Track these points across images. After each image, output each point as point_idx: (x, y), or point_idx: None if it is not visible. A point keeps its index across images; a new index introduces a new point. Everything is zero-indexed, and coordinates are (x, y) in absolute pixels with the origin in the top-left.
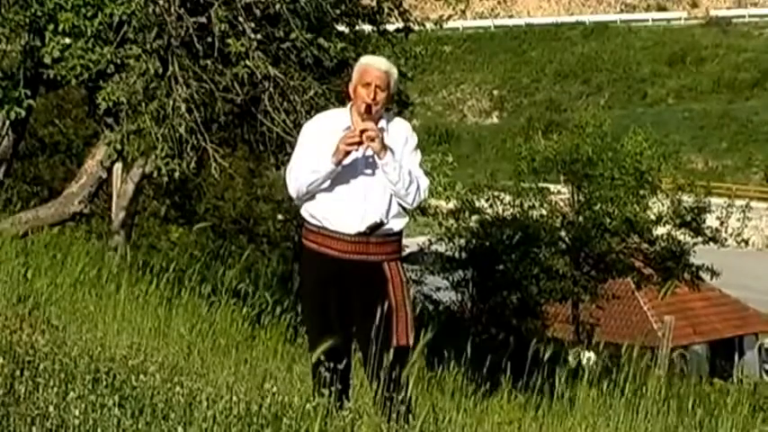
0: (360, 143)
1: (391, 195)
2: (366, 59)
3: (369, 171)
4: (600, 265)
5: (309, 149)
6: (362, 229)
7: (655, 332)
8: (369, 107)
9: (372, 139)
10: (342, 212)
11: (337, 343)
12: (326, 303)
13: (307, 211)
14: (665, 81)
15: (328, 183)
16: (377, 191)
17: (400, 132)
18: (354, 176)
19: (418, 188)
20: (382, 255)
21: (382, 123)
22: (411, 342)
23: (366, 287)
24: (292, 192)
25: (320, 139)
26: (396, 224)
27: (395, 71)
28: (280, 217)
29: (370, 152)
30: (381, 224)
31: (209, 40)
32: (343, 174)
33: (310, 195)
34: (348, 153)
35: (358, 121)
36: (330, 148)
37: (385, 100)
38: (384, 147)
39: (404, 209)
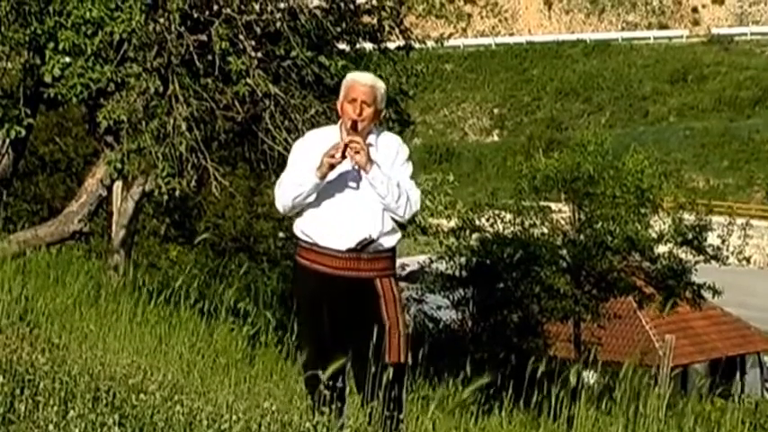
0: (343, 156)
1: (383, 211)
2: (351, 75)
3: (358, 187)
4: (601, 284)
5: (299, 165)
6: (352, 245)
7: (656, 351)
8: (354, 123)
9: (357, 152)
10: (332, 228)
11: (331, 360)
12: (320, 321)
13: (299, 228)
14: (666, 99)
15: (318, 199)
16: (367, 207)
17: (390, 146)
18: (344, 193)
19: (408, 200)
20: (374, 271)
21: (371, 139)
22: (404, 360)
23: (358, 304)
24: (278, 206)
25: (310, 155)
26: (387, 241)
27: (381, 85)
28: (281, 235)
29: (358, 167)
30: (372, 240)
31: (210, 58)
32: (332, 190)
33: (298, 210)
34: (333, 167)
35: (345, 137)
36: (318, 163)
37: (372, 115)
38: (370, 160)
39: (398, 225)
